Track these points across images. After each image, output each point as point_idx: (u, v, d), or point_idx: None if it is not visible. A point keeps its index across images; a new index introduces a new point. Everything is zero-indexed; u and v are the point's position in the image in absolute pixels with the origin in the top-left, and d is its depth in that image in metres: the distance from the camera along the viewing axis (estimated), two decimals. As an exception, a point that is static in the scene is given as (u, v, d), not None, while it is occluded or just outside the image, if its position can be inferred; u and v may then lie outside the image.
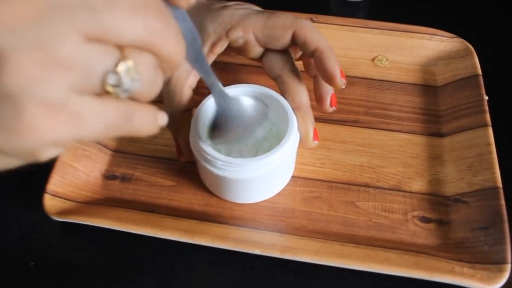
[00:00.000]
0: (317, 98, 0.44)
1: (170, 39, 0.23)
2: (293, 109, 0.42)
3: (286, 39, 0.42)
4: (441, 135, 0.50)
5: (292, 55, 0.45)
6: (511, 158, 0.46)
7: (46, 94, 0.20)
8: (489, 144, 0.46)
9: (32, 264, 0.42)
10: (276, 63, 0.43)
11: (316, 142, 0.43)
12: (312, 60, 0.43)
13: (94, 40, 0.20)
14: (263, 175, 0.40)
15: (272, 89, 0.43)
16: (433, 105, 0.52)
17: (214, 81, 0.36)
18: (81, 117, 0.21)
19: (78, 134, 0.21)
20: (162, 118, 0.26)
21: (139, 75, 0.22)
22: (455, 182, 0.45)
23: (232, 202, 0.44)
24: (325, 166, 0.47)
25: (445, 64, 0.55)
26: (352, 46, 0.57)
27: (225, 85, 0.51)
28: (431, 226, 0.43)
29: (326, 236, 0.42)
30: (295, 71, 0.43)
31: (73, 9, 0.19)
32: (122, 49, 0.22)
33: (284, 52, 0.43)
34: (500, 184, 0.43)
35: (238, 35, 0.42)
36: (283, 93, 0.42)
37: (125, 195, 0.45)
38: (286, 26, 0.42)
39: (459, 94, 0.52)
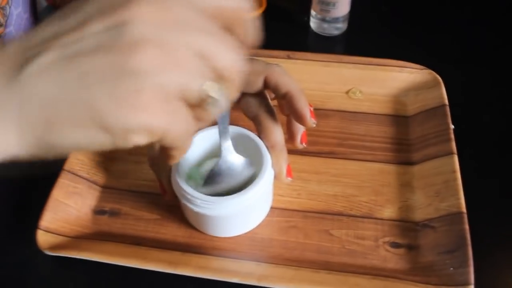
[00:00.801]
0: (289, 135, 0.47)
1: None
2: (267, 147, 0.45)
3: (258, 84, 0.45)
4: (411, 163, 0.53)
5: (268, 95, 0.48)
6: (475, 185, 0.48)
7: (163, 83, 0.24)
8: (454, 172, 0.49)
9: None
10: (251, 104, 0.45)
11: (289, 178, 0.45)
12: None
13: (198, 55, 0.25)
14: (240, 211, 0.43)
15: (247, 129, 0.47)
16: (404, 135, 0.56)
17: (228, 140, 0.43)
18: (176, 117, 0.26)
19: (167, 130, 0.26)
20: None
21: (226, 95, 0.28)
22: (423, 208, 0.48)
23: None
24: (301, 197, 0.50)
25: (415, 95, 0.59)
26: (327, 80, 0.60)
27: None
28: (401, 251, 0.46)
29: (301, 263, 0.44)
30: (270, 111, 0.45)
31: (197, 29, 0.25)
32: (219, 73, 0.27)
33: (260, 93, 0.46)
34: (464, 209, 0.46)
35: None
36: (259, 133, 0.45)
37: (113, 229, 0.48)
38: (258, 72, 0.44)
39: (428, 124, 0.55)
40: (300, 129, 0.46)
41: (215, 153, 0.47)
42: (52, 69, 0.24)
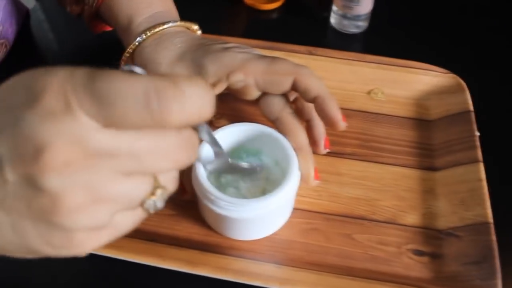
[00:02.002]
0: (311, 141, 0.45)
1: (193, 156, 0.26)
2: (294, 149, 0.43)
3: (286, 86, 0.43)
4: (434, 169, 0.51)
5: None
6: (501, 193, 0.47)
7: (94, 223, 0.23)
8: (480, 180, 0.47)
9: (32, 290, 0.42)
10: (274, 105, 0.44)
11: (317, 181, 0.44)
12: (305, 105, 0.45)
13: (133, 174, 0.23)
14: (264, 215, 0.41)
15: (270, 126, 0.45)
16: (426, 139, 0.54)
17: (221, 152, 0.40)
18: (118, 228, 0.25)
19: (113, 238, 0.25)
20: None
21: (168, 191, 0.26)
22: (447, 216, 0.47)
23: (231, 234, 0.45)
24: (322, 198, 0.48)
25: (438, 99, 0.57)
26: (349, 79, 0.59)
27: (227, 118, 0.53)
28: (425, 259, 0.44)
29: (322, 268, 0.43)
30: (293, 113, 0.44)
31: (118, 156, 0.22)
32: (153, 175, 0.25)
33: (281, 94, 0.45)
34: (491, 219, 0.44)
35: (239, 79, 0.43)
36: (283, 135, 0.44)
37: (126, 223, 0.46)
38: (287, 73, 0.43)
39: (452, 129, 0.53)
40: (322, 134, 0.45)
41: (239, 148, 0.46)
42: None
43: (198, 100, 0.23)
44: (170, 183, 0.26)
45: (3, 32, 0.58)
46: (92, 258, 0.41)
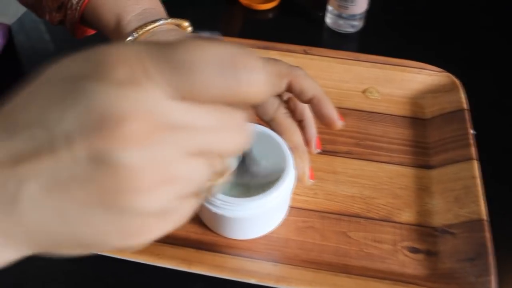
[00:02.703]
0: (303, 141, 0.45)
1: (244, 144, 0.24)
2: (289, 149, 0.43)
3: (281, 87, 0.43)
4: (429, 167, 0.51)
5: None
6: (495, 191, 0.48)
7: (158, 206, 0.21)
8: (474, 178, 0.48)
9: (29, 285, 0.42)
10: (269, 106, 0.44)
11: (312, 180, 0.44)
12: (298, 105, 0.45)
13: (197, 154, 0.22)
14: (260, 214, 0.41)
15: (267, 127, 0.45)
16: (421, 137, 0.54)
17: None
18: (181, 214, 0.23)
19: (174, 226, 0.23)
20: None
21: (222, 179, 0.25)
22: (442, 214, 0.47)
23: (227, 233, 0.45)
24: (317, 197, 0.48)
25: (433, 98, 0.58)
26: (344, 78, 0.59)
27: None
28: (420, 256, 0.45)
29: (319, 265, 0.43)
30: (287, 113, 0.44)
31: (185, 131, 0.21)
32: (211, 158, 0.23)
33: (277, 95, 0.45)
34: (485, 216, 0.45)
35: None
36: (279, 135, 0.44)
37: (123, 222, 0.46)
38: (282, 74, 0.43)
39: (446, 128, 0.54)
40: (314, 135, 0.45)
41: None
42: (46, 203, 0.20)
43: (271, 75, 0.22)
44: (226, 170, 0.25)
45: None
46: (88, 257, 0.42)
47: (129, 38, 0.47)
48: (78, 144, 0.19)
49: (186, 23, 0.51)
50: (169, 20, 0.49)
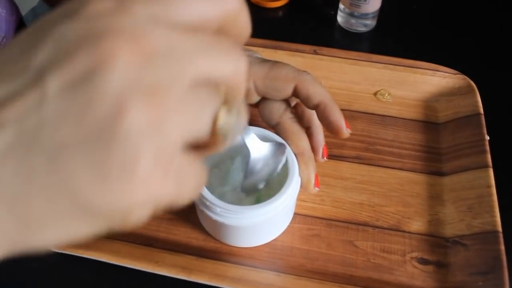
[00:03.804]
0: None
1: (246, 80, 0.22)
2: (295, 154, 0.42)
3: (287, 92, 0.42)
4: (441, 174, 0.49)
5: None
6: (510, 201, 0.46)
7: (164, 139, 0.18)
8: (489, 186, 0.46)
9: (27, 294, 0.42)
10: (275, 110, 0.43)
11: (317, 188, 0.43)
12: (306, 111, 0.44)
13: (201, 83, 0.19)
14: (262, 222, 0.39)
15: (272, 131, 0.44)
16: (434, 143, 0.52)
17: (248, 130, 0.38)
18: (185, 177, 0.20)
19: (176, 198, 0.20)
20: None
21: (241, 114, 0.23)
22: (454, 224, 0.45)
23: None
24: (324, 203, 0.47)
25: (447, 101, 0.55)
26: (354, 79, 0.57)
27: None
28: (430, 268, 0.43)
29: (324, 276, 0.41)
30: (294, 118, 0.43)
31: (182, 52, 0.18)
32: (221, 91, 0.21)
33: (284, 99, 0.44)
34: (499, 228, 0.43)
35: None
36: (284, 140, 0.42)
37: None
38: (289, 78, 0.42)
39: (461, 133, 0.52)
40: (321, 142, 0.44)
41: (231, 153, 0.44)
42: (14, 155, 0.17)
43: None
44: (242, 105, 0.23)
45: (6, 44, 0.57)
46: (88, 263, 0.41)
47: None
48: (51, 75, 0.17)
49: None
50: None
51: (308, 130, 0.44)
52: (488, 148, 0.49)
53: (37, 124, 0.17)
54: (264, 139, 0.43)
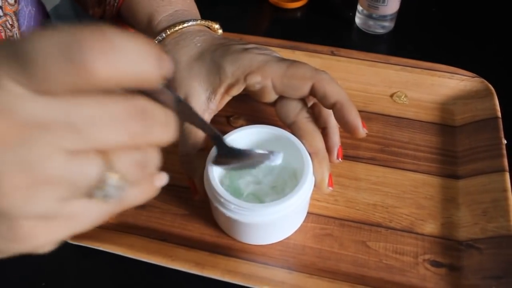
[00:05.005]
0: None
1: (156, 132, 0.22)
2: (309, 154, 0.42)
3: (304, 90, 0.42)
4: (456, 177, 0.49)
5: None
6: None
7: (37, 209, 0.20)
8: (505, 191, 0.45)
9: (43, 284, 0.42)
10: (291, 109, 0.44)
11: (330, 188, 0.43)
12: (323, 111, 0.44)
13: (77, 152, 0.20)
14: (275, 220, 0.40)
15: (288, 131, 0.44)
16: (450, 146, 0.52)
17: (216, 135, 0.36)
18: (76, 217, 0.22)
19: (75, 230, 0.22)
20: (161, 182, 0.26)
21: (126, 180, 0.22)
22: (468, 227, 0.45)
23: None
24: (338, 203, 0.47)
25: (464, 104, 0.55)
26: (371, 81, 0.57)
27: (245, 119, 0.52)
28: (442, 271, 0.43)
29: (335, 275, 0.42)
30: (309, 117, 0.43)
31: (55, 128, 0.19)
32: (105, 155, 0.21)
33: (299, 99, 0.44)
34: (514, 232, 0.43)
35: (256, 81, 0.42)
36: (299, 139, 0.43)
37: (138, 221, 0.46)
38: (306, 77, 0.42)
39: (477, 136, 0.51)
40: (337, 143, 0.44)
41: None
42: None
43: (133, 54, 0.19)
44: (130, 168, 0.22)
45: None
46: (103, 256, 0.42)
47: (158, 37, 0.47)
48: None
49: (216, 25, 0.50)
50: (199, 22, 0.49)
51: (324, 131, 0.44)
52: (505, 152, 0.48)
53: None
54: (277, 138, 0.43)
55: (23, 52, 0.19)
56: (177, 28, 0.47)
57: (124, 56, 0.19)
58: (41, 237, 0.21)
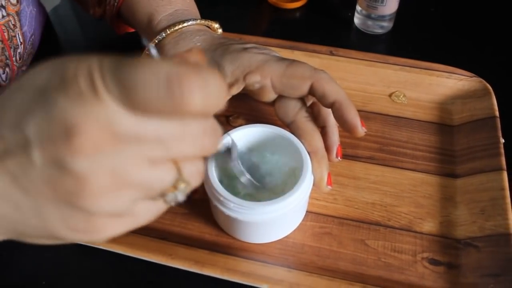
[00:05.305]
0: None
1: (215, 146, 0.26)
2: (308, 153, 0.42)
3: (303, 90, 0.43)
4: (455, 176, 0.50)
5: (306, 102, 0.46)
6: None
7: (114, 208, 0.23)
8: (503, 189, 0.46)
9: (44, 283, 0.43)
10: (290, 108, 0.44)
11: (329, 187, 0.43)
12: (322, 111, 0.44)
13: (157, 161, 0.23)
14: (275, 218, 0.40)
15: (287, 130, 0.44)
16: (448, 145, 0.52)
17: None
18: (140, 215, 0.25)
19: (134, 226, 0.25)
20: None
21: (190, 185, 0.25)
22: (467, 226, 0.45)
23: (242, 235, 0.45)
24: (337, 202, 0.47)
25: (462, 104, 0.55)
26: (370, 80, 0.57)
27: (244, 118, 0.52)
28: (440, 269, 0.43)
29: (334, 273, 0.42)
30: (308, 117, 0.44)
31: (143, 141, 0.22)
32: (177, 164, 0.24)
33: (298, 98, 0.44)
34: (512, 230, 0.43)
35: (256, 80, 0.43)
36: (298, 138, 0.43)
37: (138, 220, 0.46)
38: (305, 77, 0.42)
39: (475, 135, 0.52)
40: (336, 142, 0.44)
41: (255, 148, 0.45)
42: (8, 197, 0.23)
43: (217, 90, 0.22)
44: (194, 177, 0.26)
45: (34, 42, 0.59)
46: (103, 254, 0.42)
47: (158, 37, 0.47)
48: (36, 150, 0.22)
49: (216, 25, 0.51)
50: (199, 21, 0.49)
51: (323, 130, 0.45)
52: (502, 151, 0.49)
53: (26, 179, 0.22)
54: (276, 137, 0.43)
55: (129, 79, 0.21)
56: (177, 27, 0.48)
57: (213, 92, 0.22)
58: (108, 231, 0.24)
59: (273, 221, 0.40)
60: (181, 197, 0.25)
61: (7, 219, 0.24)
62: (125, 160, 0.22)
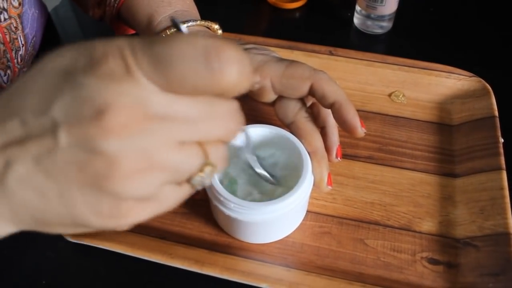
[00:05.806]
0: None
1: (238, 128, 0.25)
2: (308, 153, 0.42)
3: (303, 90, 0.43)
4: (454, 175, 0.50)
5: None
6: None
7: (142, 192, 0.23)
8: (502, 189, 0.46)
9: (44, 282, 0.43)
10: (290, 109, 0.44)
11: (330, 187, 0.43)
12: (321, 111, 0.45)
13: (185, 143, 0.23)
14: (274, 218, 0.40)
15: (287, 130, 0.44)
16: (447, 144, 0.53)
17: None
18: (163, 201, 0.25)
19: (159, 211, 0.25)
20: None
21: (217, 169, 0.25)
22: (466, 225, 0.45)
23: (242, 234, 0.45)
24: (336, 202, 0.47)
25: (461, 103, 0.56)
26: (369, 80, 0.58)
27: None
28: (440, 268, 0.43)
29: (333, 273, 0.42)
30: (308, 117, 0.44)
31: (174, 121, 0.22)
32: (203, 147, 0.24)
33: (297, 98, 0.44)
34: (511, 230, 0.43)
35: (255, 81, 0.43)
36: (298, 138, 0.43)
37: (138, 219, 0.46)
38: (305, 77, 0.42)
39: (475, 135, 0.52)
40: (335, 143, 0.45)
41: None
42: (31, 183, 0.22)
43: (249, 65, 0.22)
44: (220, 161, 0.25)
45: (35, 43, 0.59)
46: (103, 253, 0.42)
47: None
48: (64, 132, 0.21)
49: (216, 26, 0.51)
50: (199, 22, 0.49)
51: (323, 130, 0.45)
52: (502, 150, 0.49)
53: (51, 163, 0.22)
54: (276, 137, 0.44)
55: (164, 54, 0.21)
56: (176, 28, 0.48)
57: (247, 67, 0.22)
58: (134, 216, 0.23)
59: (273, 221, 0.41)
60: (208, 181, 0.25)
61: (31, 208, 0.23)
62: (155, 141, 0.22)
